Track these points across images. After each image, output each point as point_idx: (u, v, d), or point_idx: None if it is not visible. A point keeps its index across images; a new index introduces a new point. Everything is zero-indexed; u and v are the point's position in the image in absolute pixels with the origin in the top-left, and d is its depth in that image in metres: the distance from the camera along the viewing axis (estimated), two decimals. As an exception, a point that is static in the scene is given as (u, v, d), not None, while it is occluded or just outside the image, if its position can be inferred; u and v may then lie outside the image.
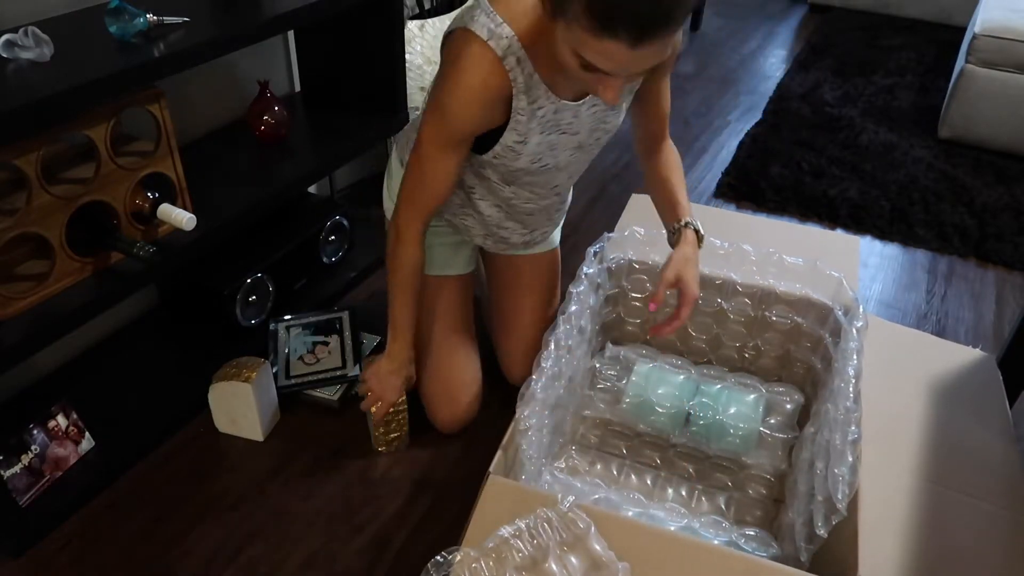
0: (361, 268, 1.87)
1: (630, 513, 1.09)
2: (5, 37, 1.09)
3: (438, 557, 0.92)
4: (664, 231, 1.36)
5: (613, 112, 1.23)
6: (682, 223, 1.26)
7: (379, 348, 1.62)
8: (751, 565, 0.90)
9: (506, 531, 0.93)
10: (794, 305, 1.38)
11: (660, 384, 1.37)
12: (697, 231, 1.26)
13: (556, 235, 1.56)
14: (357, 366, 1.52)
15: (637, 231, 1.43)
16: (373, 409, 1.35)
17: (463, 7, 1.15)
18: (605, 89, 0.97)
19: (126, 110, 1.21)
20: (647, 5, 0.84)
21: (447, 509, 1.33)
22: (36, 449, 1.27)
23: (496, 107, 1.11)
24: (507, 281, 1.54)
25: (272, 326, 1.59)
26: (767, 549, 1.06)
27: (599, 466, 1.37)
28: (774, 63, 3.39)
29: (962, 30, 3.40)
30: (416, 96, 1.90)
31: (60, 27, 1.23)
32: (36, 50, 1.10)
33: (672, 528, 1.08)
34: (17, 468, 1.24)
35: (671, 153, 1.37)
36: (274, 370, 1.52)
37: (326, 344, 1.57)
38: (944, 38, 3.60)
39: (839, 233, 2.14)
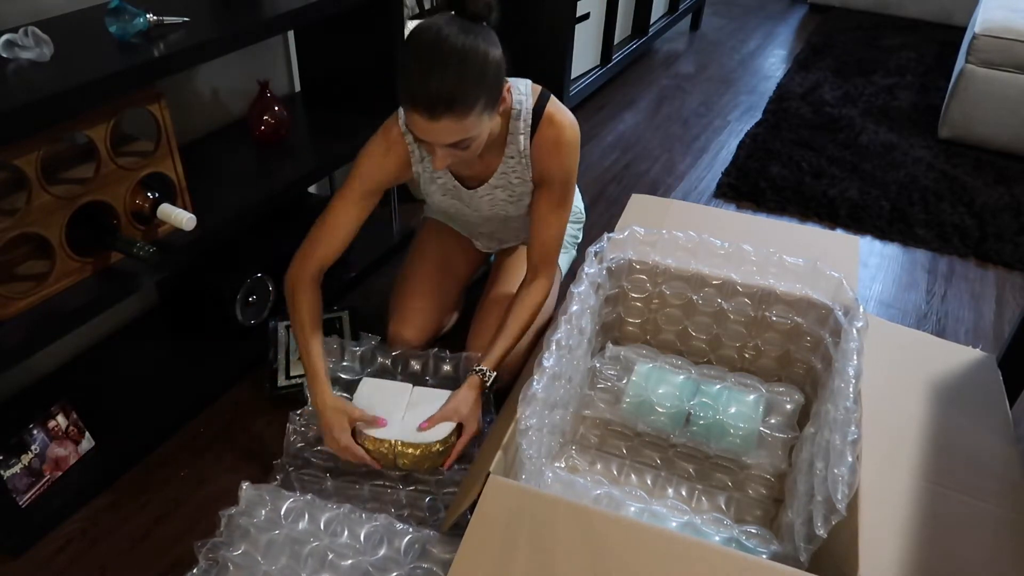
0: (361, 268, 1.87)
1: (632, 509, 1.09)
2: (5, 37, 1.09)
3: None
4: (664, 232, 1.41)
5: (511, 203, 1.44)
6: (475, 369, 1.35)
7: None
8: (751, 564, 0.90)
9: None
10: (794, 305, 1.38)
11: (660, 384, 1.37)
12: (484, 379, 1.34)
13: None
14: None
15: (637, 231, 1.43)
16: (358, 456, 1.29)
17: None
18: (433, 158, 1.21)
19: (126, 110, 1.21)
20: (433, 90, 1.10)
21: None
22: (36, 449, 1.27)
23: (398, 165, 1.37)
24: (493, 271, 1.65)
25: (272, 326, 1.59)
26: (768, 546, 1.06)
27: (599, 466, 1.37)
28: (774, 63, 3.39)
29: (962, 30, 3.40)
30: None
31: (60, 27, 1.23)
32: (36, 50, 1.10)
33: (674, 524, 1.08)
34: (17, 468, 1.24)
35: (534, 295, 1.41)
36: (274, 369, 1.52)
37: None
38: (944, 38, 3.60)
39: (839, 233, 2.15)
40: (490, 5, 1.17)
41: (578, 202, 1.75)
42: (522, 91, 1.35)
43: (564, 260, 1.67)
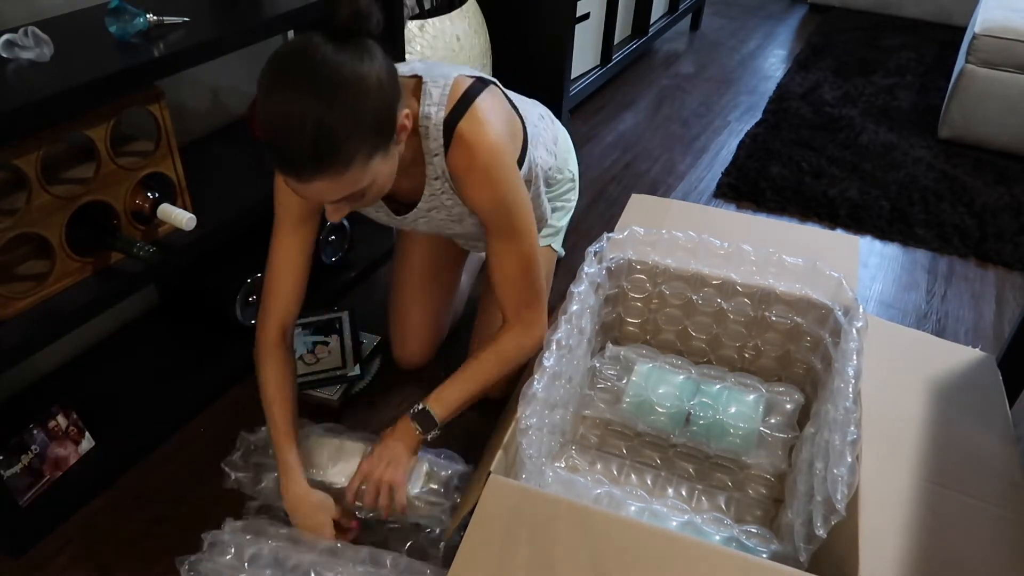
0: (361, 268, 1.87)
1: (632, 508, 1.09)
2: (5, 37, 1.09)
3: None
4: (664, 232, 1.38)
5: (455, 221, 1.25)
6: (415, 408, 1.15)
7: (379, 348, 1.63)
8: (751, 565, 0.90)
9: None
10: (794, 305, 1.38)
11: (660, 384, 1.37)
12: (422, 420, 1.15)
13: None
14: (357, 366, 1.52)
15: (637, 231, 1.43)
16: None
17: None
18: (327, 211, 1.04)
19: (126, 110, 1.21)
20: (295, 149, 0.90)
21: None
22: (36, 449, 1.27)
23: None
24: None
25: (272, 326, 1.59)
26: (768, 546, 1.06)
27: (599, 466, 1.37)
28: (774, 63, 3.39)
29: (962, 30, 3.40)
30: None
31: (60, 27, 1.23)
32: (36, 50, 1.10)
33: (674, 523, 1.09)
34: (17, 468, 1.24)
35: (507, 344, 1.19)
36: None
37: (326, 344, 1.57)
38: (944, 38, 3.60)
39: (839, 233, 2.14)
40: (361, 12, 0.93)
41: (572, 166, 1.55)
42: (434, 99, 1.11)
43: (556, 242, 1.61)
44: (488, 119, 1.12)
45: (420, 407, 1.18)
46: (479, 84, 1.16)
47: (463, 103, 1.11)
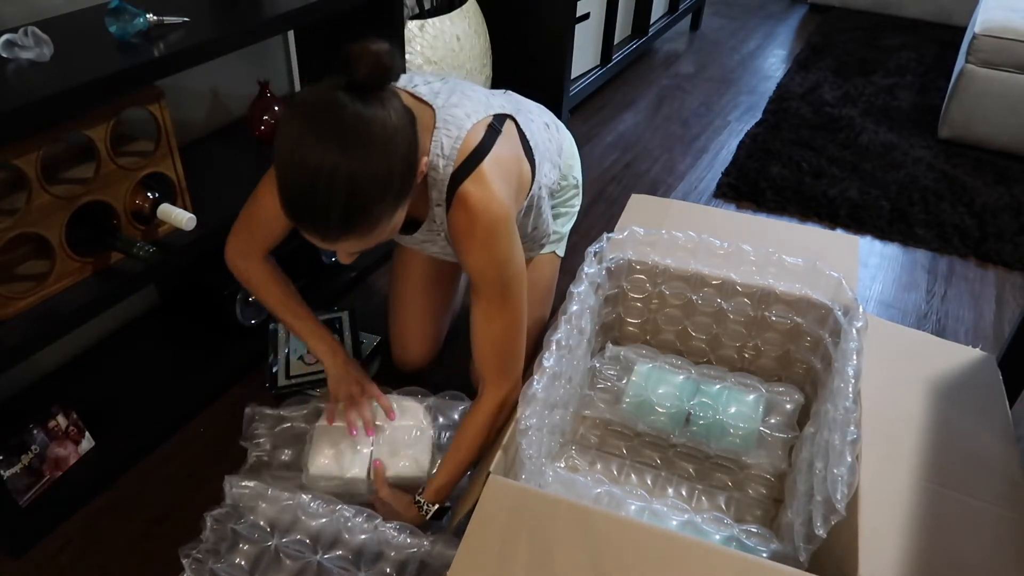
0: (361, 268, 1.87)
1: (632, 508, 1.09)
2: (5, 37, 1.09)
3: None
4: (664, 232, 1.38)
5: (447, 256, 1.29)
6: (416, 499, 1.18)
7: (379, 348, 1.63)
8: (751, 565, 0.90)
9: None
10: (794, 305, 1.38)
11: (660, 384, 1.37)
12: (422, 512, 1.17)
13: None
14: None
15: (637, 231, 1.43)
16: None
17: None
18: (339, 256, 1.04)
19: (126, 110, 1.21)
20: (322, 215, 0.89)
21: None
22: (36, 449, 1.27)
23: None
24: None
25: (272, 326, 1.59)
26: (768, 545, 1.06)
27: (599, 466, 1.37)
28: (774, 63, 3.39)
29: (962, 30, 3.40)
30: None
31: (60, 27, 1.23)
32: (36, 50, 1.10)
33: (674, 523, 1.09)
34: (17, 468, 1.24)
35: (480, 413, 1.18)
36: (274, 370, 1.52)
37: (326, 344, 1.57)
38: (944, 38, 3.60)
39: (839, 233, 2.14)
40: (383, 66, 0.88)
41: (576, 172, 1.52)
42: (444, 151, 1.07)
43: (560, 248, 1.60)
44: (493, 184, 1.08)
45: (433, 507, 1.17)
46: (492, 133, 1.12)
47: (472, 161, 1.08)
